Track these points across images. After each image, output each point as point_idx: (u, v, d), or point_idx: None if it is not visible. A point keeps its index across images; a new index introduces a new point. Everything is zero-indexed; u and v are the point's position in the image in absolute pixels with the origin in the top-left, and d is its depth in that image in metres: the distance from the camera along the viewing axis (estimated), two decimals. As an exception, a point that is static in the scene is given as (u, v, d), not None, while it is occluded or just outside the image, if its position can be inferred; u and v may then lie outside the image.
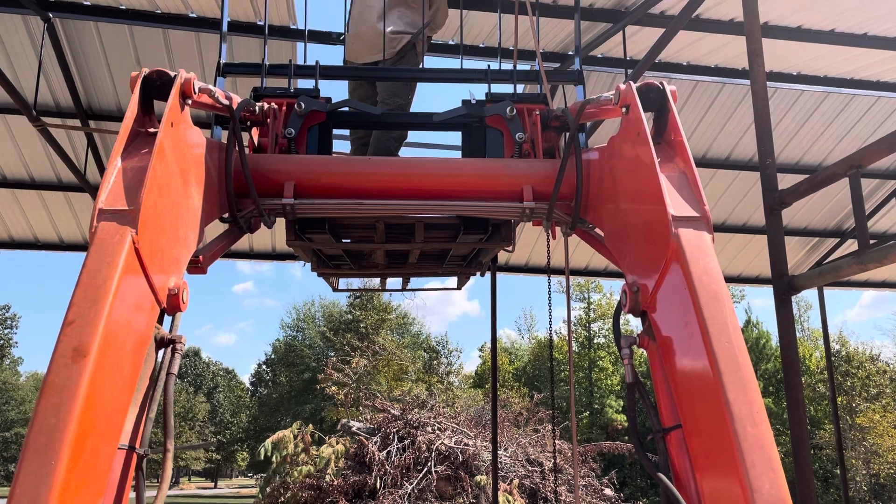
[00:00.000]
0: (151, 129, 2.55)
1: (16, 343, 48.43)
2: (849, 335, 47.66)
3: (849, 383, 30.98)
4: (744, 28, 4.99)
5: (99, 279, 1.99)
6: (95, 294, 1.96)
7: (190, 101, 2.63)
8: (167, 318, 2.46)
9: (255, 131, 3.68)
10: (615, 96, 2.82)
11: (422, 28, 4.87)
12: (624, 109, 2.78)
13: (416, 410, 17.02)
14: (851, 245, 11.36)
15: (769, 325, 38.78)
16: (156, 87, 2.58)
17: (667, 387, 2.39)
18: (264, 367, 52.13)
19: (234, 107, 3.05)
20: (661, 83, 2.79)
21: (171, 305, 2.38)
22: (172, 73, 2.57)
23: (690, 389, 2.21)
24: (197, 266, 2.76)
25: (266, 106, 3.56)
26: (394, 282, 6.30)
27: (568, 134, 3.36)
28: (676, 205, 2.39)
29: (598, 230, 3.28)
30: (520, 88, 4.22)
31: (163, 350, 2.42)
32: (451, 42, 7.51)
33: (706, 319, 2.11)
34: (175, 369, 2.41)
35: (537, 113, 3.73)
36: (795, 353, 4.33)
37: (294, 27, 7.38)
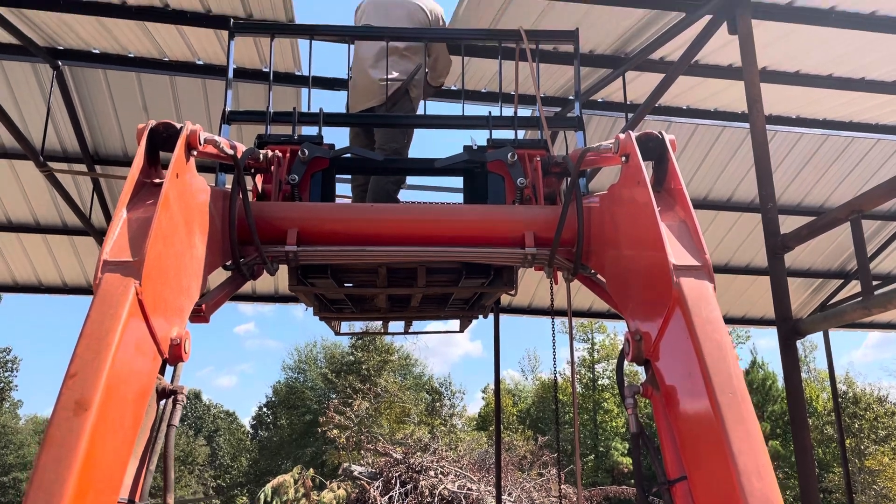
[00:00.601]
0: (157, 180, 2.56)
1: (16, 386, 47.88)
2: (855, 376, 47.21)
3: (857, 425, 30.54)
4: (742, 74, 5.05)
5: (102, 331, 1.99)
6: (98, 346, 1.96)
7: (195, 152, 2.65)
8: (168, 367, 2.45)
9: (258, 178, 3.70)
10: (615, 145, 2.83)
11: (412, 74, 4.94)
12: (624, 158, 2.79)
13: (418, 454, 16.82)
14: (855, 286, 11.32)
15: (775, 365, 38.41)
16: (162, 138, 2.59)
17: (671, 436, 2.36)
18: (265, 409, 51.58)
19: (239, 156, 3.07)
20: (661, 133, 2.80)
21: (174, 356, 2.36)
22: (178, 125, 2.59)
23: (695, 441, 2.19)
24: (199, 315, 2.75)
25: (270, 153, 3.59)
26: (396, 324, 6.28)
27: (569, 179, 3.38)
28: (677, 254, 2.39)
29: (599, 276, 3.28)
30: (521, 133, 4.25)
31: (164, 401, 2.40)
32: (452, 87, 7.62)
33: (709, 370, 2.10)
34: (176, 421, 2.39)
35: (538, 159, 3.76)
36: (802, 398, 4.29)
37: (298, 73, 7.50)
